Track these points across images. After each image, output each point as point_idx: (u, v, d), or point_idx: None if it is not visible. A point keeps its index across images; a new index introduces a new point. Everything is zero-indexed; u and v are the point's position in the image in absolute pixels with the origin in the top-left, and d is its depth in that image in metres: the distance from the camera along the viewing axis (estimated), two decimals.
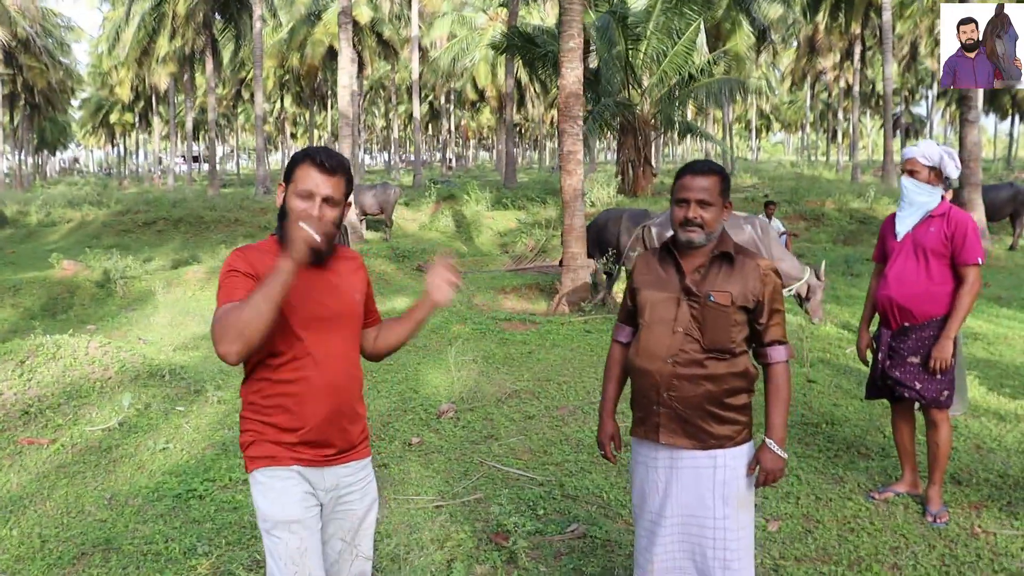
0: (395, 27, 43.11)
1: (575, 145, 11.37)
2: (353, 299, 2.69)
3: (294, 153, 2.63)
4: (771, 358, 2.96)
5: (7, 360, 6.96)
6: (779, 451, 2.95)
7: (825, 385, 7.12)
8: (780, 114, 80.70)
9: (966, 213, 4.51)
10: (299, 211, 2.45)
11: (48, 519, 4.91)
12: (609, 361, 3.25)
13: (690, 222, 2.87)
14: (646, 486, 3.04)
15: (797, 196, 22.76)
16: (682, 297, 2.92)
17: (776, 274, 2.96)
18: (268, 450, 2.58)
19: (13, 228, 25.02)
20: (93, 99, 67.57)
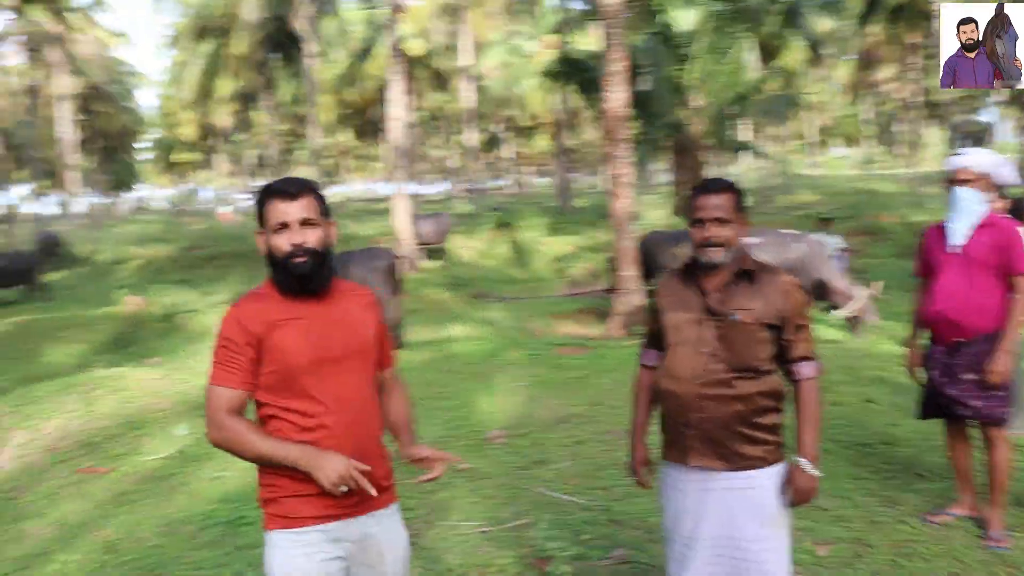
0: (447, 58, 43.65)
1: (623, 168, 11.35)
2: (365, 334, 2.62)
3: (257, 196, 2.60)
4: (799, 374, 2.91)
5: (71, 393, 7.18)
6: (812, 470, 2.89)
7: (883, 404, 6.95)
8: (839, 128, 79.37)
9: (1011, 221, 4.39)
10: (341, 473, 2.36)
11: (107, 545, 5.05)
12: (637, 386, 3.22)
13: (709, 242, 2.86)
14: (678, 510, 3.01)
15: (857, 211, 22.35)
16: (705, 317, 2.89)
17: (800, 289, 2.92)
18: (287, 508, 2.48)
19: (85, 267, 25.86)
20: (162, 140, 69.67)
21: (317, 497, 2.46)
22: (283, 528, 2.49)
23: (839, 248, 14.84)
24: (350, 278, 10.91)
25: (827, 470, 5.41)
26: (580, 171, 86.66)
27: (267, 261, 2.53)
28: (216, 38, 35.58)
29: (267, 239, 2.51)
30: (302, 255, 2.47)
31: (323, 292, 2.55)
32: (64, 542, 5.13)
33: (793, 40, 29.85)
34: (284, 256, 2.47)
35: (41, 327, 13.77)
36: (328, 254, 2.55)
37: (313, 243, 2.48)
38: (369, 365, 2.63)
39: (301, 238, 2.46)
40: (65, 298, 19.29)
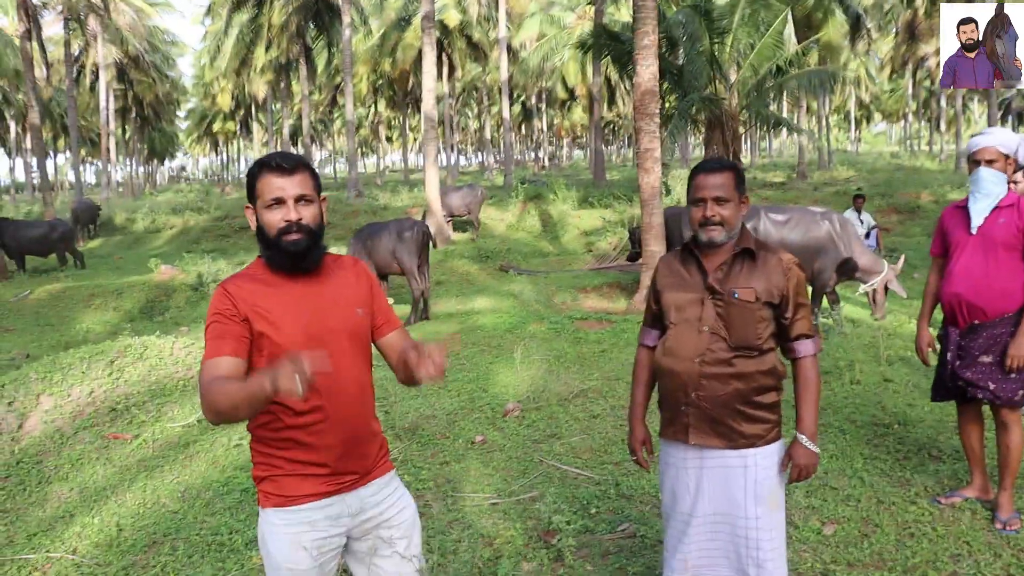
0: (484, 29, 43.44)
1: (652, 143, 11.27)
2: (354, 314, 2.53)
3: (248, 169, 2.49)
4: (799, 352, 2.93)
5: (99, 360, 7.31)
6: (811, 446, 2.94)
7: (901, 384, 6.88)
8: (881, 103, 77.96)
9: None
10: (294, 362, 2.04)
11: (126, 509, 5.19)
12: (636, 366, 3.23)
13: (709, 221, 2.87)
14: (677, 487, 3.03)
15: (892, 188, 22.02)
16: (706, 296, 2.90)
17: (799, 267, 2.93)
18: (283, 487, 2.45)
19: (122, 235, 26.30)
20: (198, 109, 70.34)
21: (313, 474, 2.44)
22: (277, 506, 2.46)
23: (871, 225, 14.68)
24: (380, 249, 11.02)
25: (841, 450, 5.44)
26: (616, 144, 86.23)
27: (258, 238, 2.46)
28: (253, 7, 35.67)
29: (259, 215, 2.43)
30: (296, 232, 2.40)
31: (315, 270, 2.50)
32: (86, 506, 5.28)
33: (834, 13, 29.29)
34: (277, 233, 2.40)
35: (74, 295, 14.04)
36: (322, 232, 2.49)
37: (308, 220, 2.42)
38: (363, 343, 2.57)
39: (296, 215, 2.39)
40: (99, 266, 19.63)
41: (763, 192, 23.10)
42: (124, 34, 42.55)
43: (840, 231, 8.88)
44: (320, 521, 2.47)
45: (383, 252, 11.30)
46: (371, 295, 2.63)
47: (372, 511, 2.57)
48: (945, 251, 4.53)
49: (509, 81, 44.42)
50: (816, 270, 8.87)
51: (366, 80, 49.44)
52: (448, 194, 19.95)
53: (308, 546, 2.46)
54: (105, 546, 4.67)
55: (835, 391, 6.80)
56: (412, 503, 2.70)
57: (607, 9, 33.66)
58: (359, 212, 24.08)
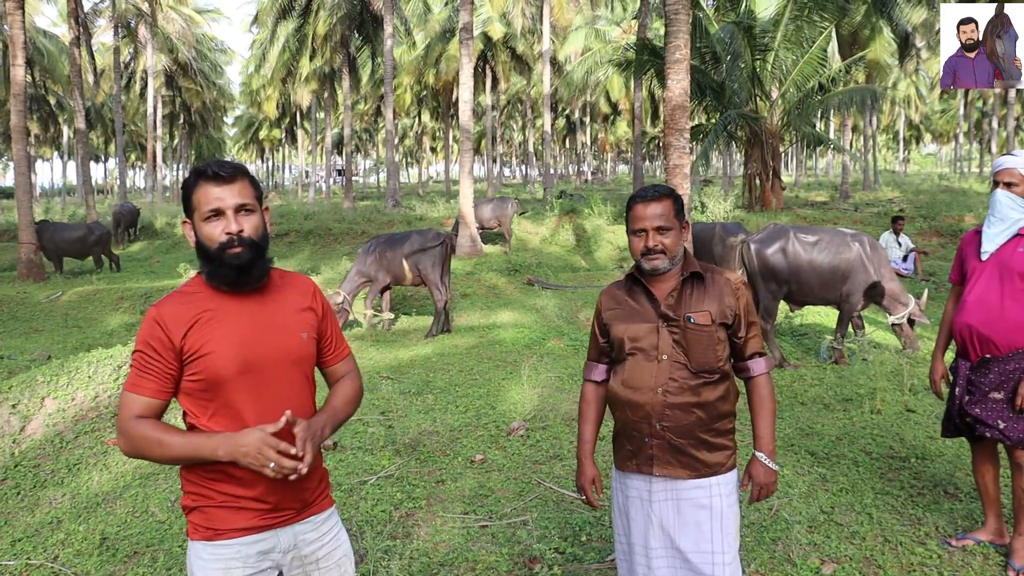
0: (528, 42, 43.47)
1: (681, 159, 11.07)
2: (297, 338, 2.37)
3: (183, 181, 2.33)
4: (753, 371, 2.92)
5: (107, 364, 7.30)
6: (770, 464, 2.91)
7: (924, 415, 6.61)
8: (931, 124, 76.64)
9: None
10: (263, 452, 2.09)
11: (115, 518, 5.14)
12: (582, 403, 3.14)
13: (651, 250, 2.82)
14: (640, 520, 2.92)
15: (935, 210, 21.49)
16: (661, 324, 2.84)
17: (746, 287, 2.90)
18: (211, 519, 2.30)
19: (161, 239, 26.59)
20: (244, 116, 71.30)
21: (246, 507, 2.29)
22: (206, 539, 2.30)
23: (910, 248, 14.30)
24: (398, 259, 10.93)
25: (852, 483, 5.21)
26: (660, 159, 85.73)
27: (198, 253, 2.31)
28: (298, 17, 36.06)
29: (197, 228, 2.28)
30: (238, 245, 2.24)
31: (259, 286, 2.35)
32: (75, 513, 5.23)
33: (881, 31, 28.80)
34: (219, 247, 2.24)
35: (104, 297, 14.18)
36: (266, 244, 2.33)
37: (250, 232, 2.26)
38: (304, 369, 2.41)
39: (237, 226, 2.24)
40: (135, 269, 19.84)
41: (802, 211, 22.67)
42: (174, 42, 43.34)
43: (871, 253, 8.60)
44: (251, 556, 2.32)
45: (402, 262, 11.21)
46: (321, 320, 2.49)
47: (306, 549, 2.42)
48: (963, 278, 4.29)
49: (553, 95, 44.41)
50: (844, 293, 8.59)
51: (410, 91, 49.74)
52: (479, 206, 19.88)
53: None
54: (87, 555, 4.61)
55: (853, 420, 6.55)
56: (347, 543, 2.56)
57: (652, 23, 33.45)
58: (394, 222, 24.11)
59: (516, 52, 43.53)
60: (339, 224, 24.07)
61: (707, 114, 24.86)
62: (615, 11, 47.76)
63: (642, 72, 23.51)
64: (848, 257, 8.64)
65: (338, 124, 56.41)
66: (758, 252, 8.76)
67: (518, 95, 60.39)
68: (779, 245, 8.74)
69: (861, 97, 22.94)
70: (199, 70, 47.39)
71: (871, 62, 28.00)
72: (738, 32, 21.67)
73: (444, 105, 49.56)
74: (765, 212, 22.35)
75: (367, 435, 6.49)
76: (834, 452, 5.81)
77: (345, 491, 5.33)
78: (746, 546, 4.32)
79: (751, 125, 22.72)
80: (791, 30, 21.94)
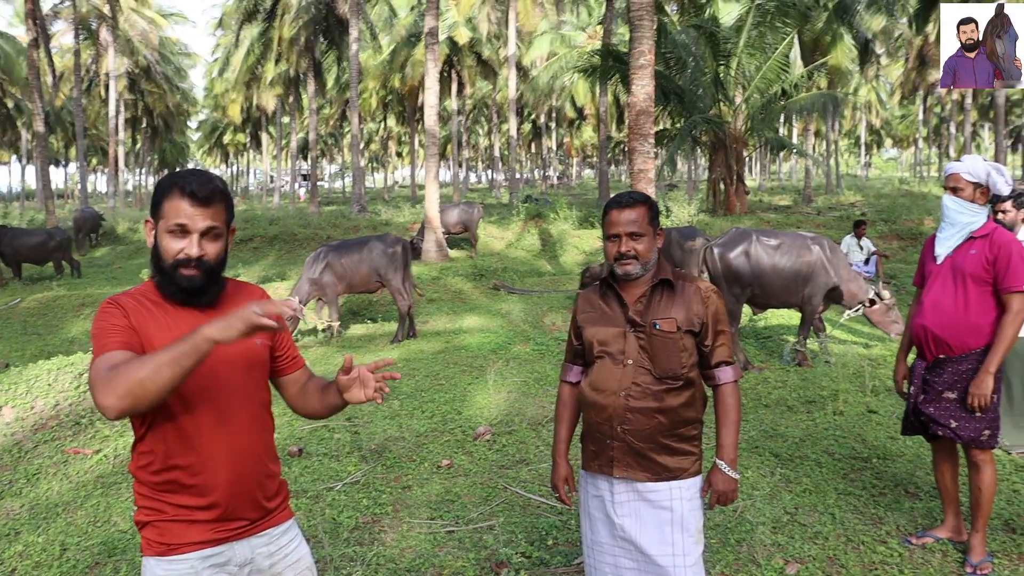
0: (494, 47, 43.52)
1: (646, 163, 11.14)
2: (251, 344, 2.31)
3: (159, 181, 2.25)
4: (719, 379, 2.94)
5: (67, 372, 7.20)
6: (731, 472, 2.92)
7: (886, 416, 6.70)
8: (891, 129, 77.78)
9: (1011, 235, 4.12)
10: (264, 309, 1.93)
11: (75, 528, 5.05)
12: (559, 403, 3.21)
13: (624, 256, 2.86)
14: (602, 521, 2.98)
15: (895, 214, 21.81)
16: (628, 329, 2.89)
17: (717, 295, 2.92)
18: (164, 534, 2.22)
19: (123, 245, 26.25)
20: (209, 121, 70.60)
21: (199, 520, 2.23)
22: (159, 555, 2.23)
23: (871, 251, 14.50)
24: (359, 266, 10.75)
25: (815, 484, 5.27)
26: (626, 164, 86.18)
27: (152, 259, 2.25)
28: (263, 21, 35.81)
29: (158, 235, 2.21)
30: (195, 268, 2.18)
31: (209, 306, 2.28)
32: (34, 523, 5.14)
33: (842, 37, 29.21)
34: (174, 263, 2.18)
35: (64, 304, 13.98)
36: (222, 267, 2.27)
37: (210, 257, 2.21)
38: (258, 377, 2.36)
39: (199, 251, 2.17)
40: (96, 275, 19.58)
41: (766, 215, 22.92)
42: (135, 45, 42.83)
43: (831, 256, 8.72)
44: (204, 571, 2.25)
45: (363, 269, 11.05)
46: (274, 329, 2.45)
47: (264, 562, 2.36)
48: (924, 281, 4.37)
49: (518, 99, 44.44)
50: (806, 295, 8.70)
51: (376, 95, 49.56)
52: (445, 211, 19.87)
53: None
54: (46, 566, 4.52)
55: (816, 421, 6.63)
56: (309, 556, 2.50)
57: (617, 29, 33.64)
58: (360, 227, 24.00)
59: (482, 57, 43.56)
60: (304, 229, 23.91)
61: (672, 119, 25.01)
62: (580, 17, 47.96)
63: (607, 78, 23.61)
64: (809, 260, 8.75)
65: (303, 128, 56.07)
66: (721, 256, 8.83)
67: (484, 100, 60.39)
68: (742, 249, 8.82)
69: (823, 102, 23.25)
70: (162, 74, 46.92)
71: (832, 68, 28.36)
72: (702, 38, 21.86)
73: (410, 109, 49.45)
74: (729, 216, 22.54)
75: (333, 441, 6.45)
76: (797, 453, 5.87)
77: (311, 498, 5.30)
78: (711, 548, 4.36)
79: (715, 130, 22.91)
80: (754, 36, 22.17)
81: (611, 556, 2.94)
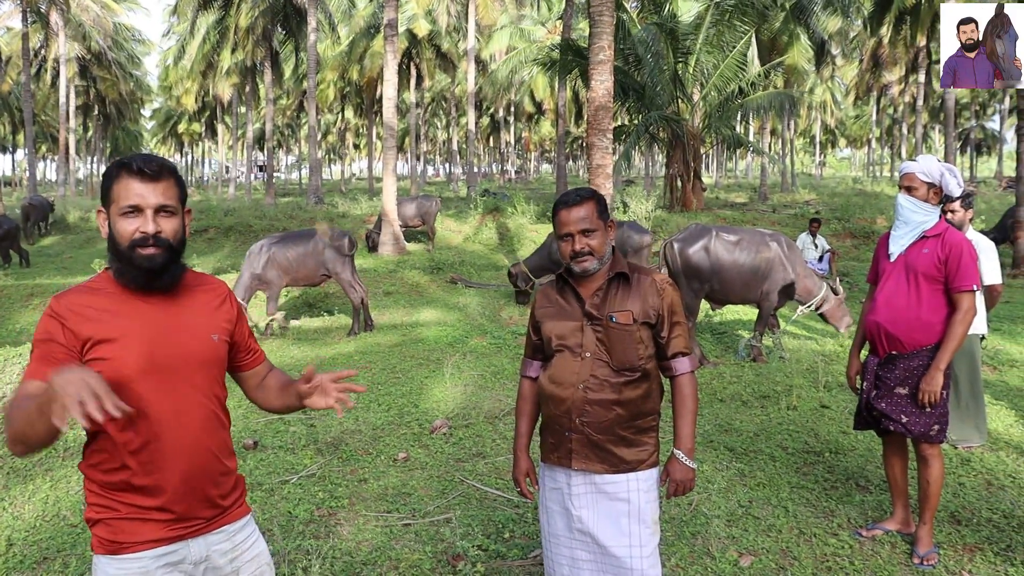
0: (453, 40, 43.38)
1: (604, 159, 11.19)
2: (208, 340, 2.27)
3: (107, 169, 2.21)
4: (676, 370, 2.97)
5: (14, 363, 7.05)
6: (688, 462, 2.95)
7: (838, 411, 6.81)
8: (845, 129, 79.04)
9: (962, 235, 4.20)
10: (72, 392, 1.69)
11: (22, 523, 4.92)
12: (519, 398, 3.22)
13: (579, 253, 2.88)
14: (560, 513, 3.00)
15: (849, 213, 22.16)
16: (585, 323, 2.91)
17: (672, 287, 2.95)
18: (116, 532, 2.16)
19: (74, 234, 25.72)
20: (163, 109, 69.42)
21: (152, 518, 2.17)
22: (111, 554, 2.17)
23: (825, 249, 14.72)
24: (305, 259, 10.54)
25: (769, 478, 5.33)
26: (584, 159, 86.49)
27: (109, 247, 2.19)
28: (219, 8, 35.30)
29: (112, 221, 2.15)
30: (153, 246, 2.13)
31: (171, 289, 2.24)
32: None
33: (799, 37, 29.56)
34: (130, 244, 2.13)
35: (12, 294, 13.65)
36: (182, 247, 2.23)
37: (167, 234, 2.16)
38: (215, 372, 2.31)
39: (154, 227, 2.12)
40: (46, 265, 19.17)
41: (722, 212, 23.14)
42: (87, 30, 41.92)
43: (788, 252, 8.83)
44: (157, 571, 2.19)
45: (309, 263, 10.87)
46: (233, 323, 2.39)
47: (220, 560, 2.30)
48: (878, 278, 4.43)
49: (477, 93, 44.38)
50: (764, 291, 8.79)
51: (334, 87, 49.08)
52: (402, 204, 19.76)
53: None
54: None
55: (770, 416, 6.71)
56: (266, 551, 2.45)
57: (577, 24, 33.69)
58: (316, 219, 23.78)
59: (441, 50, 43.39)
60: (260, 221, 23.64)
61: (630, 115, 25.16)
62: (540, 11, 47.92)
63: (566, 72, 23.66)
64: (768, 256, 8.85)
65: (260, 119, 55.51)
66: (681, 251, 8.90)
67: (442, 93, 60.20)
68: (702, 244, 8.89)
69: (780, 102, 23.53)
70: (114, 60, 46.00)
71: (789, 67, 28.71)
72: (660, 34, 22.00)
73: (368, 102, 49.06)
74: (686, 212, 22.74)
75: (288, 434, 6.39)
76: (752, 448, 5.94)
77: (266, 491, 5.24)
78: (666, 541, 4.39)
79: (673, 127, 23.08)
80: (712, 34, 22.37)
81: (567, 548, 2.97)
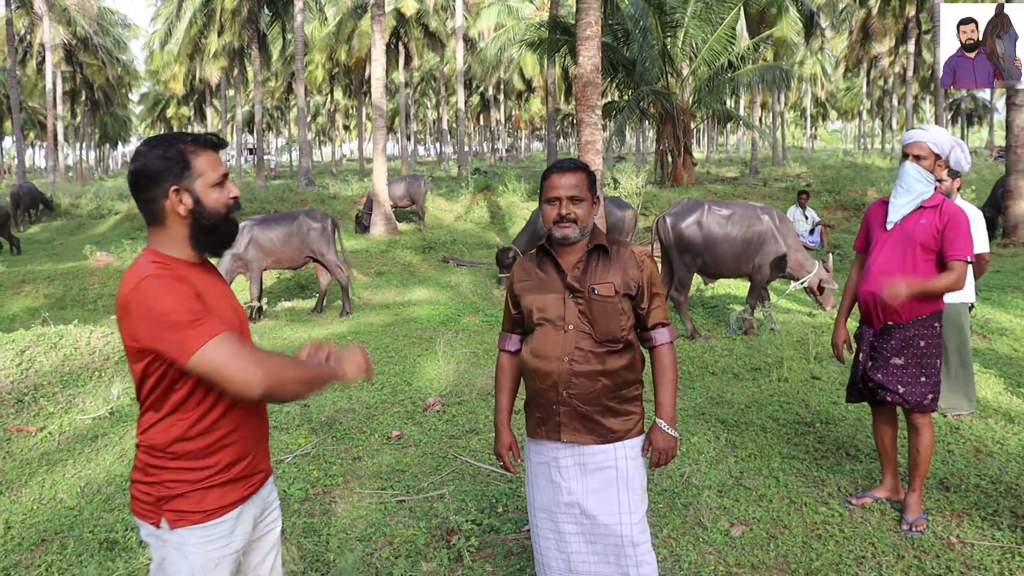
0: (441, 18, 43.12)
1: (594, 135, 11.16)
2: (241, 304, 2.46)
3: (180, 147, 2.20)
4: (656, 340, 3.01)
5: (8, 350, 7.04)
6: (670, 430, 2.99)
7: (828, 382, 6.86)
8: (836, 101, 78.85)
9: (958, 207, 4.22)
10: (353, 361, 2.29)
11: (19, 506, 4.95)
12: (498, 372, 3.24)
13: (564, 218, 2.91)
14: (546, 487, 3.03)
15: (839, 185, 22.19)
16: (567, 295, 2.93)
17: (651, 259, 3.00)
18: (197, 501, 2.21)
19: (65, 219, 25.64)
20: (151, 94, 68.92)
21: (233, 478, 2.27)
22: (195, 524, 2.21)
23: (816, 221, 14.75)
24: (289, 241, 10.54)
25: (760, 448, 5.38)
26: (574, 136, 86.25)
27: (192, 221, 2.20)
28: None
29: (200, 194, 2.19)
30: (235, 210, 2.30)
31: None
32: None
33: (788, 9, 29.45)
34: (226, 211, 2.24)
35: (4, 281, 13.61)
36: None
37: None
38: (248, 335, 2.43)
39: (235, 191, 2.28)
40: (38, 252, 19.12)
41: (713, 187, 23.16)
42: (73, 14, 41.55)
43: (780, 225, 8.85)
44: (237, 530, 2.30)
45: (293, 244, 10.84)
46: None
47: (267, 510, 2.48)
48: (867, 247, 4.43)
49: (466, 72, 44.18)
50: (756, 264, 8.82)
51: (322, 68, 48.78)
52: (393, 184, 19.76)
53: (229, 560, 2.29)
54: None
55: (761, 388, 6.76)
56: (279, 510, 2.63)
57: (564, 1, 33.51)
58: (307, 201, 23.75)
59: (429, 29, 43.14)
60: (251, 203, 23.57)
61: (620, 91, 25.08)
62: None
63: (555, 50, 23.57)
64: (760, 229, 8.87)
65: (248, 102, 55.16)
66: (674, 225, 8.91)
67: (431, 72, 59.89)
68: (694, 218, 8.91)
69: (770, 75, 23.47)
70: (100, 45, 45.63)
71: (778, 40, 28.62)
72: (648, 9, 21.91)
73: (357, 82, 48.81)
74: (677, 188, 22.74)
75: (282, 414, 6.41)
76: (743, 419, 5.99)
77: None
78: (658, 512, 4.43)
79: (663, 102, 23.03)
80: (700, 7, 22.27)
81: (552, 522, 3.01)
